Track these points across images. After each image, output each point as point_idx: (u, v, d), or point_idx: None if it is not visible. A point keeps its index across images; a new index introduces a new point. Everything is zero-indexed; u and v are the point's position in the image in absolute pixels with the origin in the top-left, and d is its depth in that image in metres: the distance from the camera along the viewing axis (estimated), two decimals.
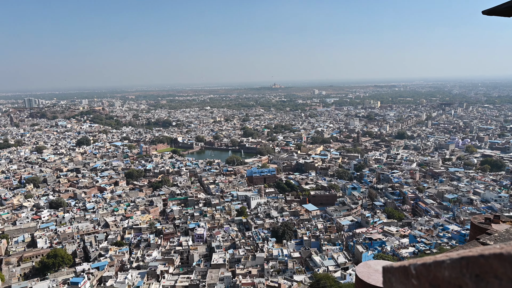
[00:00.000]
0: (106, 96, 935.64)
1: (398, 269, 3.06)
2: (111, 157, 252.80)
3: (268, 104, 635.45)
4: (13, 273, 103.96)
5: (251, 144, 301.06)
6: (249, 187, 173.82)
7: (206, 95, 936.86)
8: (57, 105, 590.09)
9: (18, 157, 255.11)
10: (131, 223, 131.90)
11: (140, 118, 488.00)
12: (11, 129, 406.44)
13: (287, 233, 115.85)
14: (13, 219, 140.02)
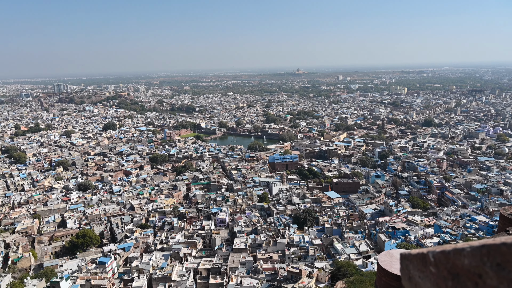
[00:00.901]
0: (131, 81, 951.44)
1: (416, 256, 3.01)
2: (136, 142, 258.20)
3: (291, 90, 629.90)
4: (45, 251, 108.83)
5: (273, 130, 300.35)
6: (271, 173, 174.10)
7: (229, 81, 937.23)
8: (85, 90, 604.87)
9: (48, 141, 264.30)
10: (156, 207, 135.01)
11: (164, 103, 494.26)
12: (42, 113, 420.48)
13: (308, 219, 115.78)
14: (45, 200, 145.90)
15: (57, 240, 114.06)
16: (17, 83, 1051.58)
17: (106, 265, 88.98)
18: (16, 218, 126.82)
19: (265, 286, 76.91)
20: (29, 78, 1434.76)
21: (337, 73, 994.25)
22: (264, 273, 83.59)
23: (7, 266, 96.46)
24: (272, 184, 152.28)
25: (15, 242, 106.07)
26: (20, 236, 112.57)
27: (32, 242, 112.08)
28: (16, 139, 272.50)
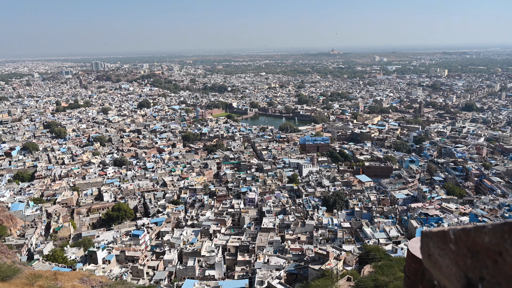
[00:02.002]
0: (166, 60, 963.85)
1: (437, 234, 3.03)
2: (169, 120, 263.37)
3: (325, 71, 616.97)
4: (83, 222, 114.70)
5: (305, 112, 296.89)
6: (302, 155, 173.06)
7: (261, 60, 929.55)
8: (121, 68, 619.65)
9: (86, 117, 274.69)
10: (187, 184, 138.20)
11: (197, 82, 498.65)
12: (80, 90, 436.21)
13: (338, 202, 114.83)
14: (83, 174, 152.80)
15: (94, 212, 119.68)
16: (58, 61, 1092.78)
17: (140, 237, 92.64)
18: (57, 190, 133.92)
19: (292, 266, 77.57)
20: (69, 56, 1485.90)
21: (374, 54, 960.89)
22: (291, 253, 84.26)
23: (49, 234, 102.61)
24: (302, 165, 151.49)
25: (56, 212, 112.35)
26: (60, 207, 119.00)
27: (72, 213, 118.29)
28: (57, 114, 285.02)
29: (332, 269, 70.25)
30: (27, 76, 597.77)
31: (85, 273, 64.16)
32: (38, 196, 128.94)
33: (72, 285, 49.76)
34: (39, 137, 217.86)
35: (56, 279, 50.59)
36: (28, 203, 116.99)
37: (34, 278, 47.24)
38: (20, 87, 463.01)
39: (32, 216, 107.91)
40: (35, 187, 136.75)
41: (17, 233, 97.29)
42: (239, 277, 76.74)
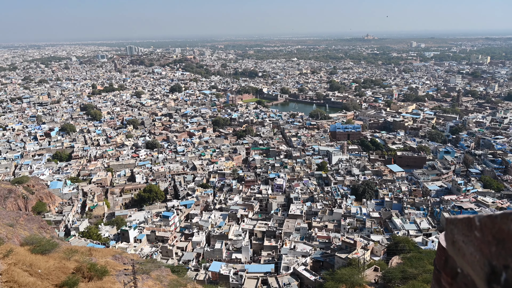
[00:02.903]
0: (197, 45, 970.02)
1: (462, 221, 3.02)
2: (200, 105, 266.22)
3: (359, 57, 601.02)
4: (116, 201, 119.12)
5: (336, 99, 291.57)
6: (332, 143, 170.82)
7: (293, 45, 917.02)
8: (154, 53, 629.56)
9: (120, 101, 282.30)
10: (216, 168, 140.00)
11: (228, 67, 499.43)
12: (115, 74, 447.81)
13: (367, 192, 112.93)
14: (117, 155, 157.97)
15: (127, 193, 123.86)
16: (95, 45, 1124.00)
17: (169, 219, 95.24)
18: (92, 170, 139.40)
19: (318, 253, 77.48)
20: (105, 40, 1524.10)
21: (410, 39, 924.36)
22: (318, 240, 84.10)
23: (84, 212, 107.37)
24: (332, 153, 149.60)
25: (92, 192, 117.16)
26: (95, 186, 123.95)
27: (106, 192, 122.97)
28: (93, 97, 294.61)
29: (359, 258, 69.58)
30: (66, 59, 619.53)
31: (118, 251, 66.87)
32: (75, 176, 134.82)
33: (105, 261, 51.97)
34: (76, 118, 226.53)
35: (91, 255, 53.01)
36: (65, 182, 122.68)
37: (70, 253, 49.67)
38: (59, 70, 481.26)
39: (69, 194, 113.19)
40: (72, 167, 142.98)
41: (56, 210, 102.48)
42: (265, 262, 77.56)
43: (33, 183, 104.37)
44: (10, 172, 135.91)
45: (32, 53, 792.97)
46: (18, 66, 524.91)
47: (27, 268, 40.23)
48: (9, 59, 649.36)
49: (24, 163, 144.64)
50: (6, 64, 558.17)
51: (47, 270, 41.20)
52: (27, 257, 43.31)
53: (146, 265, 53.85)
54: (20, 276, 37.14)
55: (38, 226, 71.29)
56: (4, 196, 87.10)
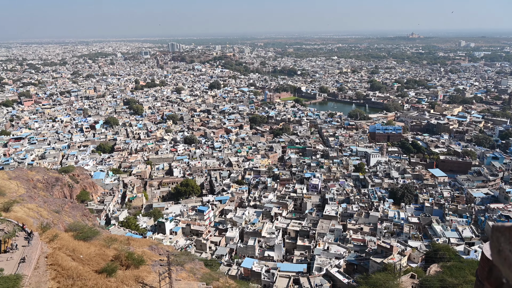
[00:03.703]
0: (237, 42, 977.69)
1: (509, 229, 2.88)
2: (238, 102, 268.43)
3: (402, 56, 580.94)
4: (154, 194, 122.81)
5: (377, 99, 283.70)
6: (370, 144, 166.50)
7: (334, 44, 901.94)
8: (195, 50, 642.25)
9: (161, 96, 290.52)
10: (252, 165, 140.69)
11: (267, 65, 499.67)
12: (157, 70, 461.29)
13: (406, 196, 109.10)
14: (156, 149, 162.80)
15: (165, 186, 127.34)
16: (139, 42, 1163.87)
17: (204, 213, 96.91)
18: (133, 162, 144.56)
19: (352, 256, 75.87)
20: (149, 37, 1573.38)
21: (459, 38, 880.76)
22: (352, 243, 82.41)
23: (124, 202, 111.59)
24: (370, 155, 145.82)
25: (132, 183, 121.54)
26: (135, 178, 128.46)
27: (145, 185, 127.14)
28: (135, 92, 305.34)
29: (395, 264, 67.42)
30: (111, 55, 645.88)
31: (154, 242, 68.95)
32: (117, 167, 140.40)
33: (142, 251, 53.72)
34: (119, 112, 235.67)
35: (129, 244, 55.01)
36: (107, 173, 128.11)
37: (110, 241, 51.81)
38: (105, 66, 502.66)
39: (110, 184, 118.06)
40: (114, 159, 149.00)
41: (98, 199, 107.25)
42: (298, 261, 77.03)
43: (78, 172, 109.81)
44: (57, 161, 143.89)
45: (81, 49, 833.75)
46: (68, 61, 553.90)
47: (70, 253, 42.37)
48: (60, 54, 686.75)
49: (71, 153, 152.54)
50: (57, 59, 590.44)
51: (88, 256, 43.19)
52: (70, 242, 45.64)
53: (181, 257, 55.07)
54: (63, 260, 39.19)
55: (81, 214, 74.95)
56: (52, 184, 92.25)
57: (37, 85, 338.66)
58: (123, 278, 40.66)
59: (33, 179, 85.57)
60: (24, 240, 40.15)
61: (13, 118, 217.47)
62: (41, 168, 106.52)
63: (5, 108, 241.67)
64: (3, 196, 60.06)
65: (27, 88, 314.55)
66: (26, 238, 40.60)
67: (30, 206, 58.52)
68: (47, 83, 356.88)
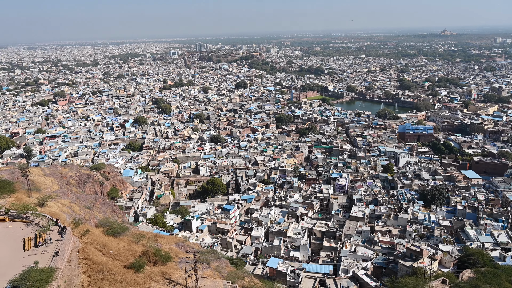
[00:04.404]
0: (264, 42, 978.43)
1: None
2: (264, 101, 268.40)
3: (433, 54, 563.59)
4: (181, 192, 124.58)
5: (407, 98, 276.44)
6: (399, 144, 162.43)
7: (362, 42, 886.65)
8: (221, 49, 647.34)
9: (189, 95, 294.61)
10: (277, 165, 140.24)
11: (293, 64, 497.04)
12: (185, 70, 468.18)
13: (437, 198, 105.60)
14: (183, 148, 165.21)
15: (191, 184, 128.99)
16: (167, 42, 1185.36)
17: (230, 212, 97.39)
18: (160, 161, 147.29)
19: (380, 259, 74.14)
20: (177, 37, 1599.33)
21: (495, 35, 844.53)
22: (380, 245, 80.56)
23: (152, 200, 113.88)
24: (400, 155, 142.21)
25: (159, 181, 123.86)
26: (163, 176, 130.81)
27: (172, 183, 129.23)
28: (163, 92, 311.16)
29: (425, 268, 65.31)
30: (141, 56, 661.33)
31: (181, 239, 69.87)
32: (145, 165, 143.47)
33: (169, 248, 54.48)
34: (148, 111, 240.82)
35: (156, 241, 55.94)
36: (136, 171, 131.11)
37: (138, 237, 52.84)
38: (135, 66, 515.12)
39: (139, 182, 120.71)
40: (143, 157, 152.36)
41: (127, 196, 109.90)
42: (324, 262, 76.07)
43: (109, 170, 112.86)
44: (89, 159, 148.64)
45: (112, 50, 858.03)
46: (100, 62, 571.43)
47: (101, 248, 43.50)
48: (92, 55, 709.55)
49: (102, 151, 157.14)
50: (90, 60, 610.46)
51: (118, 252, 44.19)
52: (100, 238, 46.84)
53: (207, 255, 55.47)
54: (94, 255, 40.29)
55: (111, 210, 76.94)
56: (83, 180, 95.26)
57: (70, 85, 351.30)
58: (151, 274, 41.34)
59: (66, 175, 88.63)
60: (57, 235, 41.57)
61: (48, 117, 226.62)
62: (74, 165, 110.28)
63: (41, 108, 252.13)
64: (39, 191, 62.45)
65: (61, 88, 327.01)
66: (59, 233, 42.02)
67: (63, 201, 60.57)
68: (80, 83, 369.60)
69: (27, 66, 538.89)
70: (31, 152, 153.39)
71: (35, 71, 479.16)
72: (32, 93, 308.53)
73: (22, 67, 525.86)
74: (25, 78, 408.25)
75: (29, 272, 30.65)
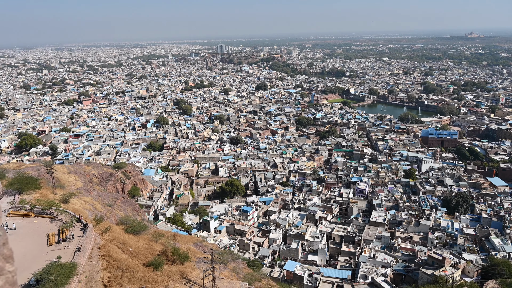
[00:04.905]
0: (285, 44, 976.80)
1: None
2: (284, 103, 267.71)
3: (459, 57, 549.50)
4: (200, 192, 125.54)
5: (431, 102, 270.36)
6: (422, 149, 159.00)
7: (385, 44, 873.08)
8: (243, 51, 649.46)
9: (209, 97, 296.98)
10: (297, 167, 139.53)
11: (315, 67, 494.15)
12: (206, 71, 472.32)
13: (461, 205, 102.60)
14: (203, 149, 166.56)
15: (210, 185, 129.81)
16: (189, 44, 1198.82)
17: (248, 213, 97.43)
18: (180, 161, 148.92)
19: (400, 265, 72.59)
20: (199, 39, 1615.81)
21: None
22: (400, 252, 78.88)
23: (171, 199, 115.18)
24: (422, 160, 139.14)
25: (179, 181, 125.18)
26: (182, 176, 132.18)
27: (191, 183, 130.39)
28: (185, 93, 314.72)
29: (448, 277, 63.53)
30: (163, 57, 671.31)
31: (199, 239, 70.33)
32: (165, 165, 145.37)
33: (187, 247, 54.91)
34: (169, 112, 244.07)
35: (175, 240, 56.47)
36: (157, 170, 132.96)
37: (158, 236, 53.51)
38: (157, 67, 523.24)
39: (159, 182, 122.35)
40: (163, 157, 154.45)
41: (147, 195, 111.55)
42: (342, 267, 75.07)
43: (130, 169, 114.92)
44: (111, 157, 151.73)
45: (136, 51, 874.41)
46: (123, 63, 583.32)
47: (121, 246, 44.25)
48: (116, 56, 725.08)
49: (124, 150, 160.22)
50: (114, 61, 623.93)
51: (137, 250, 44.85)
52: (121, 235, 47.68)
53: (224, 256, 55.61)
54: (114, 252, 41.02)
55: (132, 208, 78.21)
56: (106, 178, 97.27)
57: (95, 85, 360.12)
58: (169, 272, 41.76)
59: (89, 173, 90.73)
60: (79, 231, 42.55)
61: (73, 116, 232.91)
62: (96, 163, 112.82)
63: (66, 107, 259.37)
64: (63, 188, 64.14)
65: (86, 88, 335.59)
66: (81, 229, 43.00)
67: (86, 199, 61.99)
68: (104, 83, 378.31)
69: (54, 66, 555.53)
70: (56, 150, 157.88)
71: (61, 71, 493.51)
72: (58, 93, 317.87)
73: (49, 67, 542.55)
74: (52, 78, 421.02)
75: (52, 267, 31.48)
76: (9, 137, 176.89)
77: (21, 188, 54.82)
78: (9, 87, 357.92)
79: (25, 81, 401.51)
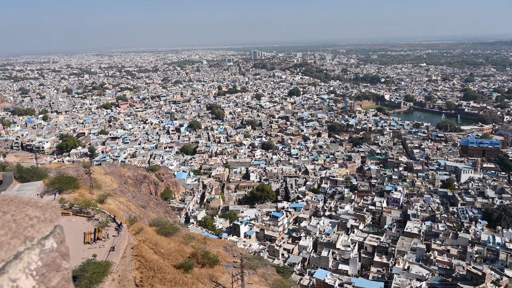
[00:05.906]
0: (319, 49, 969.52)
1: None
2: (317, 109, 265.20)
3: (503, 63, 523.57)
4: (231, 197, 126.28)
5: (471, 109, 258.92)
6: (462, 158, 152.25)
7: (422, 50, 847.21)
8: (276, 57, 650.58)
9: (242, 102, 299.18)
10: (328, 174, 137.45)
11: (349, 72, 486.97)
12: (239, 77, 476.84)
13: (504, 219, 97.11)
14: (234, 153, 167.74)
15: (241, 189, 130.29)
16: (223, 49, 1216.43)
17: (279, 219, 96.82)
18: (212, 165, 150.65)
19: (436, 279, 69.55)
20: (233, 45, 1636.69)
21: None
22: (437, 265, 75.66)
23: (203, 203, 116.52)
24: (461, 170, 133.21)
25: (210, 185, 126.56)
26: (214, 180, 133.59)
27: (222, 187, 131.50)
28: (218, 98, 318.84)
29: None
30: (197, 63, 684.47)
31: (229, 243, 70.57)
32: (197, 169, 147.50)
33: (217, 251, 55.21)
34: (202, 117, 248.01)
35: (205, 243, 56.96)
36: (189, 174, 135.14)
37: (188, 238, 54.18)
38: (191, 72, 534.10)
39: (191, 185, 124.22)
40: (195, 160, 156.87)
41: (179, 198, 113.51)
42: (374, 279, 72.90)
43: (163, 172, 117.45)
44: (146, 160, 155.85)
45: (171, 57, 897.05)
46: (159, 68, 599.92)
47: (153, 247, 45.13)
48: (153, 62, 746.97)
49: (157, 153, 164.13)
50: (150, 66, 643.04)
51: (168, 251, 45.57)
52: (153, 236, 48.66)
53: (254, 261, 55.47)
54: (147, 253, 41.88)
55: (164, 210, 79.79)
56: (140, 180, 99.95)
57: (132, 90, 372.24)
58: (199, 275, 42.09)
59: (124, 175, 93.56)
60: (114, 231, 43.81)
61: (111, 119, 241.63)
62: (131, 165, 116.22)
63: (105, 110, 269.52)
64: (99, 189, 66.43)
65: (123, 93, 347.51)
66: (116, 229, 44.26)
67: (121, 199, 63.87)
68: (140, 88, 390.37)
69: (94, 71, 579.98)
70: (95, 151, 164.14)
71: (101, 76, 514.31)
72: (97, 97, 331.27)
73: (90, 72, 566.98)
74: (92, 83, 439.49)
75: (88, 264, 32.52)
76: (51, 139, 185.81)
77: (61, 187, 57.27)
78: (53, 91, 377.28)
79: (68, 85, 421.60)
